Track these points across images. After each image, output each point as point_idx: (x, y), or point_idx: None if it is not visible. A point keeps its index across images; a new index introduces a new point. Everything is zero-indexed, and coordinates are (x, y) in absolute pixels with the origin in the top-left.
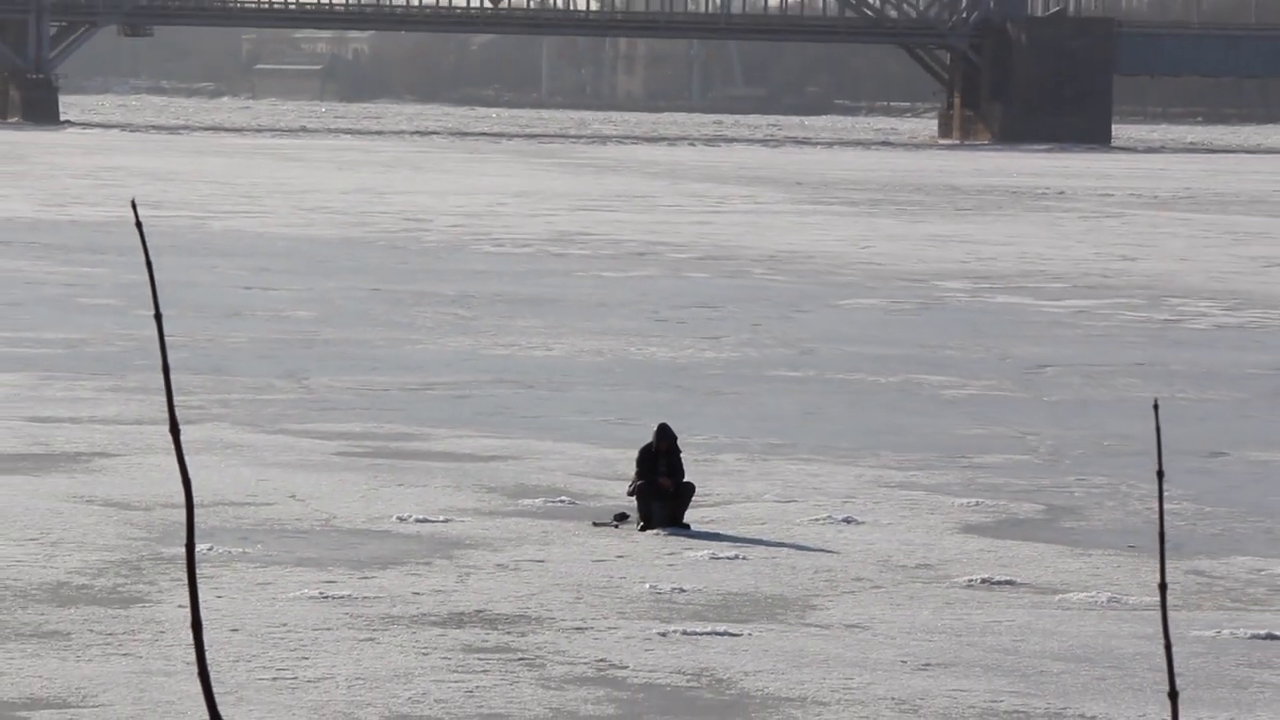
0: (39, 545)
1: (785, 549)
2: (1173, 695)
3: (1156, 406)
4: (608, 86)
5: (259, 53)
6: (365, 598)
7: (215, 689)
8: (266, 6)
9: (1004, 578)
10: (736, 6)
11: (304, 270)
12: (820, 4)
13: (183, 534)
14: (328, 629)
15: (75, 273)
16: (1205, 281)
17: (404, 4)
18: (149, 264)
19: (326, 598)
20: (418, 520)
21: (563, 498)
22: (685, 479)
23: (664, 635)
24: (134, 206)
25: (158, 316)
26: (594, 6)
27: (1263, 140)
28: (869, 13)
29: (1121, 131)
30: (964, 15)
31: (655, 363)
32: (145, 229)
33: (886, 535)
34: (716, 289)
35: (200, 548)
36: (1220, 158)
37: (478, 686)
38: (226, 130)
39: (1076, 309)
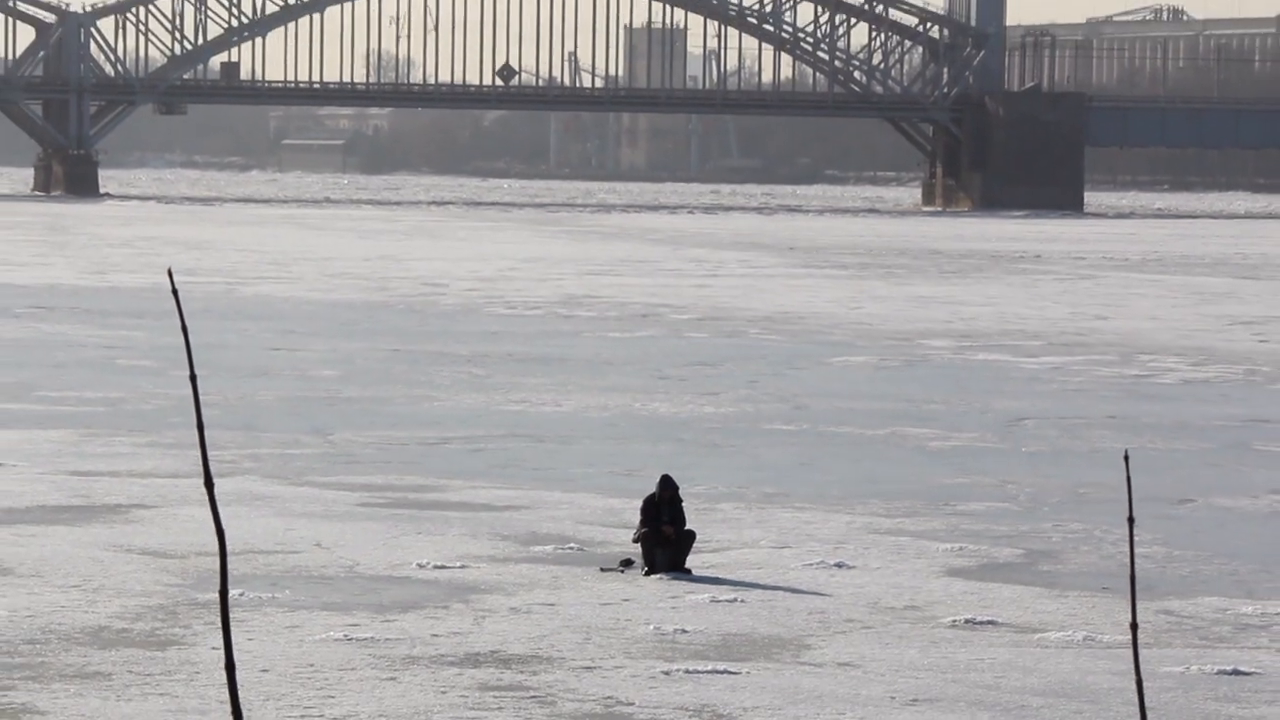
0: (81, 592)
1: (781, 592)
2: None
3: (1127, 457)
4: (612, 159)
5: (285, 129)
6: (387, 639)
7: None
8: (292, 86)
9: (986, 618)
10: (732, 83)
11: (328, 332)
12: (811, 80)
13: (216, 581)
14: (352, 669)
15: (114, 336)
16: (1173, 339)
17: (420, 82)
18: (184, 328)
19: (351, 640)
20: (436, 567)
21: (572, 545)
22: (686, 527)
23: (667, 674)
24: (170, 275)
25: (193, 378)
26: (598, 84)
27: (1224, 206)
28: (856, 88)
29: (1093, 199)
30: (945, 90)
31: (658, 417)
32: (180, 295)
33: (876, 579)
34: (715, 348)
35: (232, 593)
36: (1186, 223)
37: None
38: (255, 201)
39: (1053, 365)
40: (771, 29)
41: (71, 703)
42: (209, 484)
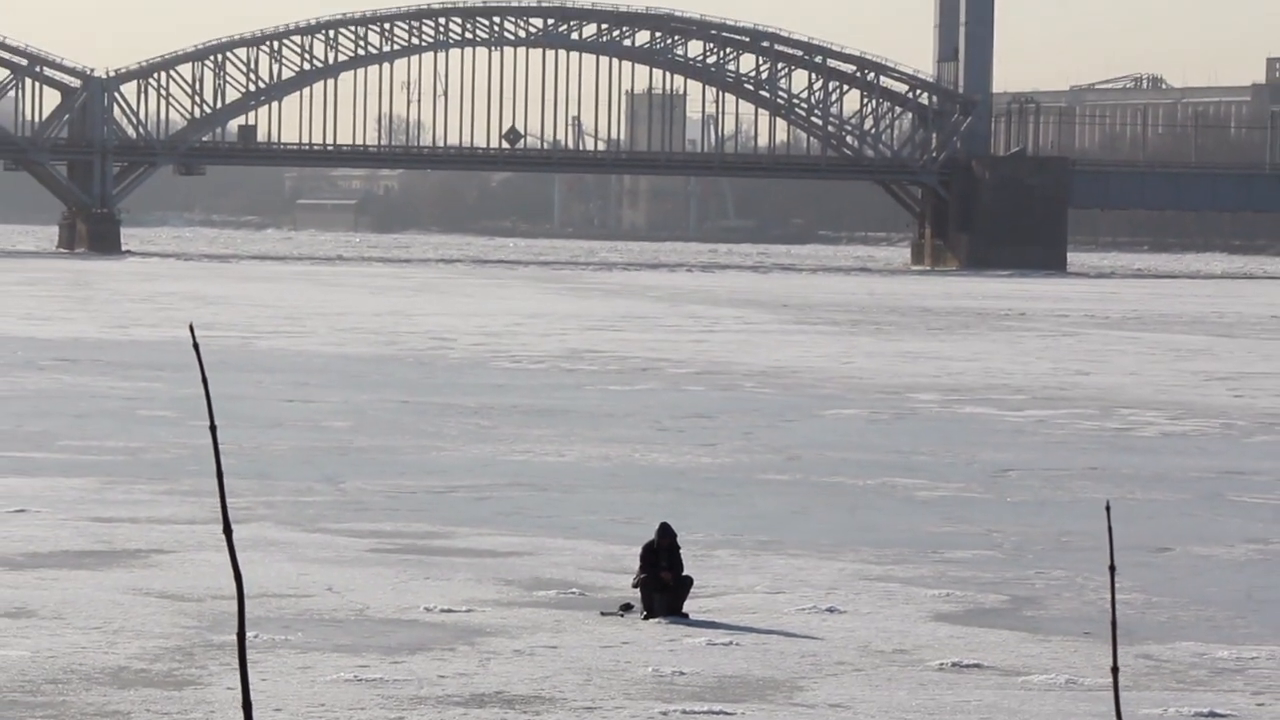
0: (101, 633)
1: (775, 635)
2: None
3: (1109, 507)
4: (613, 219)
5: (299, 189)
6: (395, 680)
7: None
8: (307, 148)
9: (972, 661)
10: (729, 147)
11: (340, 385)
12: (805, 144)
13: (231, 623)
14: (362, 709)
15: (135, 387)
16: (1152, 394)
17: (430, 145)
18: (205, 381)
19: (360, 680)
20: (443, 610)
21: (574, 590)
22: (684, 572)
23: (665, 714)
24: (192, 330)
25: (213, 429)
26: (601, 147)
27: (1201, 267)
28: (848, 152)
29: (1076, 259)
30: (934, 155)
31: (657, 467)
32: (199, 349)
33: (866, 623)
34: (712, 401)
35: (247, 635)
36: (1164, 282)
37: None
38: (271, 259)
39: (1036, 418)
40: (767, 95)
41: None
42: (228, 531)
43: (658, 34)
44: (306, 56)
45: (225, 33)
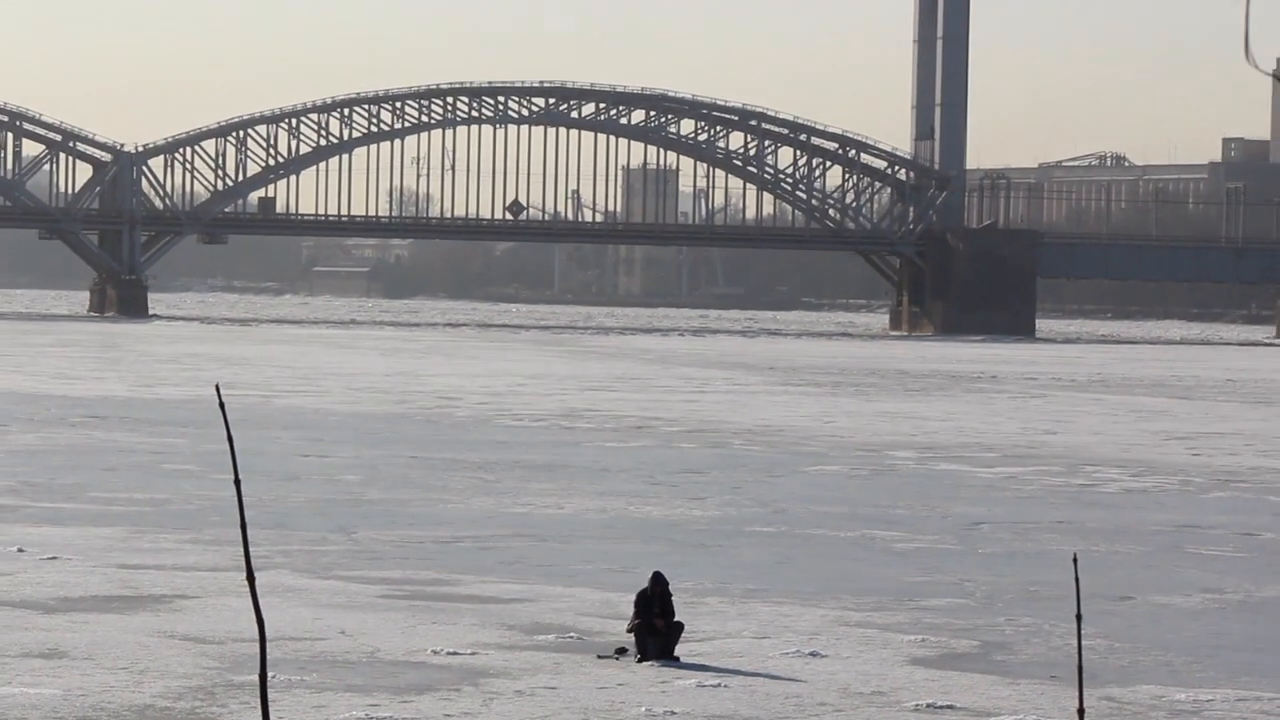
0: (129, 673)
1: (761, 678)
2: None
3: (1075, 559)
4: (610, 286)
5: (316, 257)
6: (404, 718)
7: None
8: (322, 218)
9: (946, 703)
10: (719, 219)
11: (353, 441)
12: (790, 217)
13: (250, 664)
14: None
15: (160, 443)
16: (1115, 452)
17: (438, 216)
18: (230, 439)
19: (371, 718)
20: (449, 653)
21: (572, 634)
22: (676, 618)
23: None
24: (218, 391)
25: (237, 483)
26: (599, 219)
27: (1162, 333)
28: (831, 225)
29: (1044, 325)
30: (911, 227)
31: (650, 520)
32: (224, 407)
33: (846, 667)
34: (702, 457)
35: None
36: (1127, 348)
37: None
38: (288, 322)
39: (1006, 475)
40: (755, 170)
41: None
42: (251, 579)
43: (652, 113)
44: (323, 133)
45: (247, 110)
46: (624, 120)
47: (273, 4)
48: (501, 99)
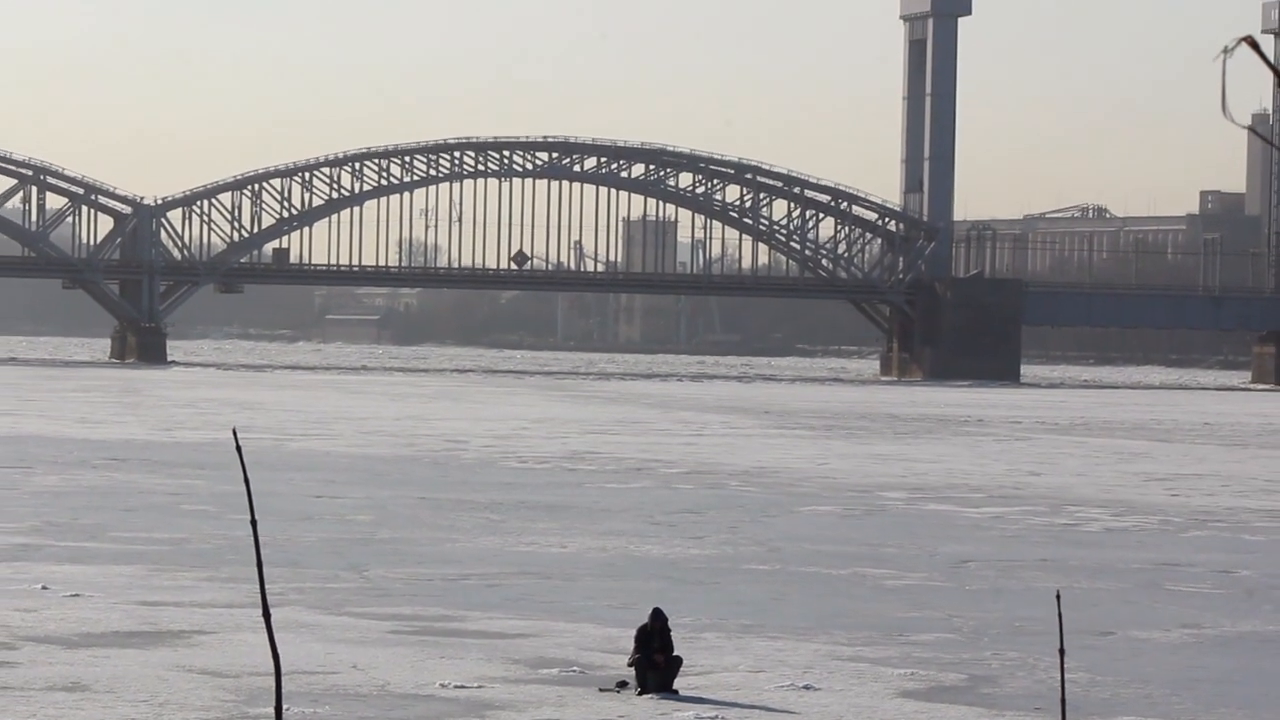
0: (149, 706)
1: (756, 710)
2: None
3: (1058, 595)
4: (611, 333)
5: (328, 306)
6: None
7: None
8: (334, 268)
9: None
10: (716, 269)
11: (364, 482)
12: (784, 267)
13: (265, 697)
14: None
15: (179, 484)
16: (1097, 493)
17: (445, 266)
18: (247, 482)
19: None
20: (456, 686)
21: (574, 668)
22: (674, 653)
23: None
24: (235, 435)
25: (253, 523)
26: (600, 268)
27: (1142, 379)
28: (824, 274)
29: (1029, 371)
30: (900, 276)
31: (650, 558)
32: (240, 450)
33: (839, 699)
34: (700, 498)
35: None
36: (1108, 392)
37: None
38: (302, 368)
39: (992, 515)
40: (750, 222)
41: None
42: (266, 615)
43: (652, 167)
44: (335, 186)
45: (261, 165)
46: (624, 174)
47: (286, 63)
48: (506, 153)
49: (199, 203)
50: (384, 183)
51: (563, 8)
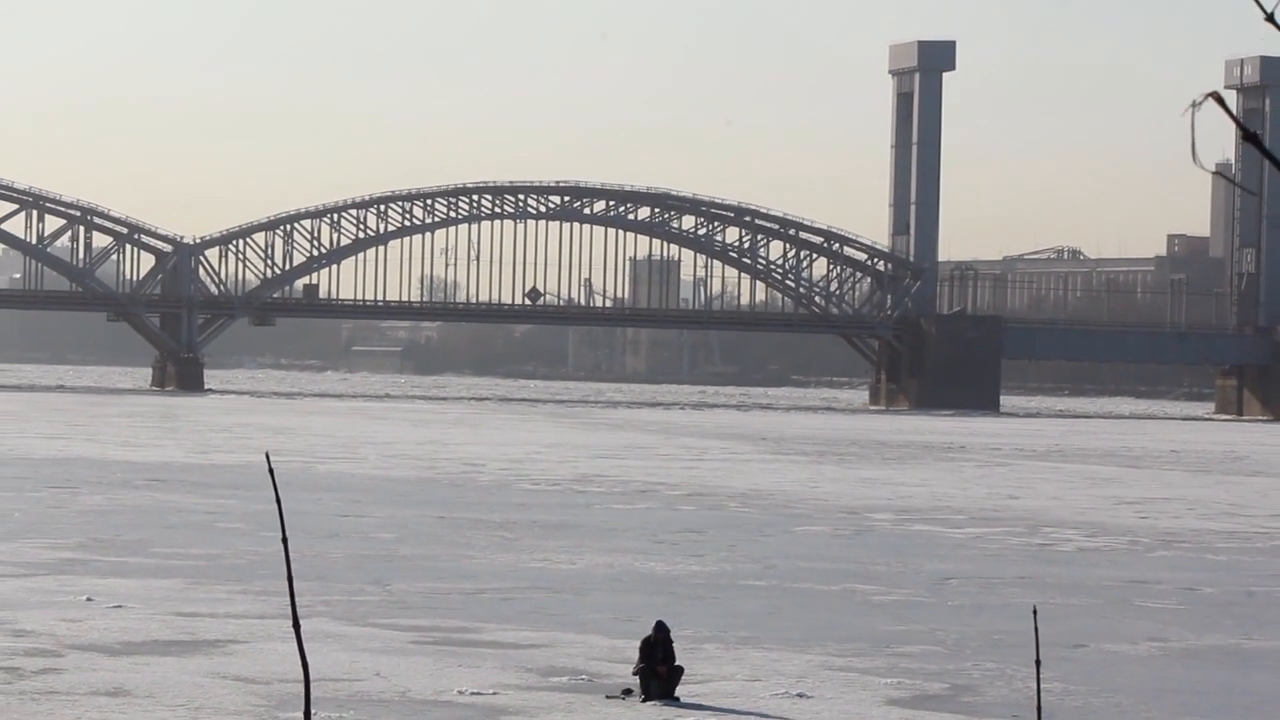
0: (186, 710)
1: (753, 716)
2: None
3: (1035, 611)
4: (618, 364)
5: (354, 338)
6: None
7: None
8: (360, 303)
9: None
10: (716, 305)
11: (387, 502)
12: (780, 303)
13: (295, 702)
14: None
15: (215, 504)
16: (1071, 515)
17: (464, 301)
18: (279, 502)
19: None
20: (473, 693)
21: (583, 676)
22: (676, 662)
23: None
24: (268, 458)
25: (284, 539)
26: (608, 304)
27: (1113, 409)
28: (817, 310)
29: (1008, 401)
30: (888, 312)
31: (654, 574)
32: (272, 472)
33: (830, 706)
34: (701, 518)
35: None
36: (1082, 421)
37: None
38: (330, 396)
39: (974, 535)
40: (748, 261)
41: None
42: (296, 625)
43: (657, 210)
44: (361, 226)
45: (293, 207)
46: (631, 216)
47: (316, 114)
48: (521, 196)
49: (235, 241)
50: (407, 223)
51: (573, 66)
